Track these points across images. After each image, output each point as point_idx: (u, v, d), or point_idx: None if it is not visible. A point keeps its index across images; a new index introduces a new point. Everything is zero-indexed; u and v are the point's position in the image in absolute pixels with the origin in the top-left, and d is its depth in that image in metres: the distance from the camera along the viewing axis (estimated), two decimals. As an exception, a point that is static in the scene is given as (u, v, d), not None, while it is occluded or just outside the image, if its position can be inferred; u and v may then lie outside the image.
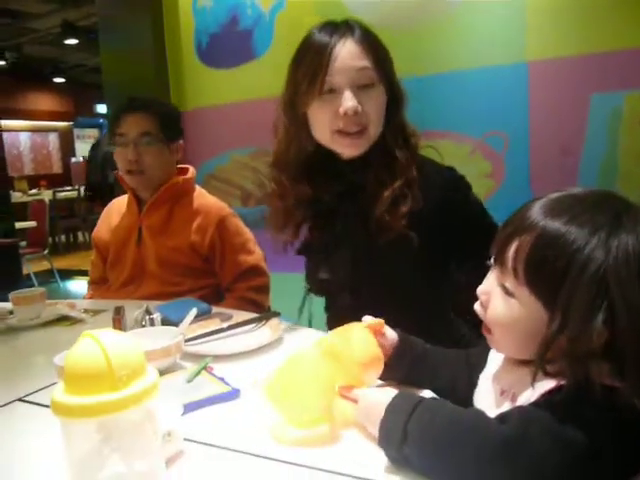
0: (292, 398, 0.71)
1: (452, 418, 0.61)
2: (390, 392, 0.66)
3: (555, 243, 0.61)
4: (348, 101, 1.04)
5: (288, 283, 1.89)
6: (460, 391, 0.80)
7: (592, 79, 1.89)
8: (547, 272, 0.61)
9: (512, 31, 1.97)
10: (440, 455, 0.58)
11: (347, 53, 1.05)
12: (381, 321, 0.82)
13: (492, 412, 0.64)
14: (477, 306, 0.72)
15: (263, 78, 2.40)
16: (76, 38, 7.05)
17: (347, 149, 1.10)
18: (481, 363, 0.79)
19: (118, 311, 1.16)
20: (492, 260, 0.70)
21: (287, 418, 0.71)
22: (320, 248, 1.18)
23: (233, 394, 0.84)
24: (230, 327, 1.12)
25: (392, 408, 0.63)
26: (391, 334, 0.84)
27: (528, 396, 0.65)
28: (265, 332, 1.11)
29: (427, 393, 0.80)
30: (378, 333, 0.82)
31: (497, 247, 0.69)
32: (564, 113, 1.95)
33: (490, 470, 0.55)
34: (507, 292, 0.66)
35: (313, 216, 1.18)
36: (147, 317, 1.09)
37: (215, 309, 1.31)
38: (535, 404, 0.61)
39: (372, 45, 1.08)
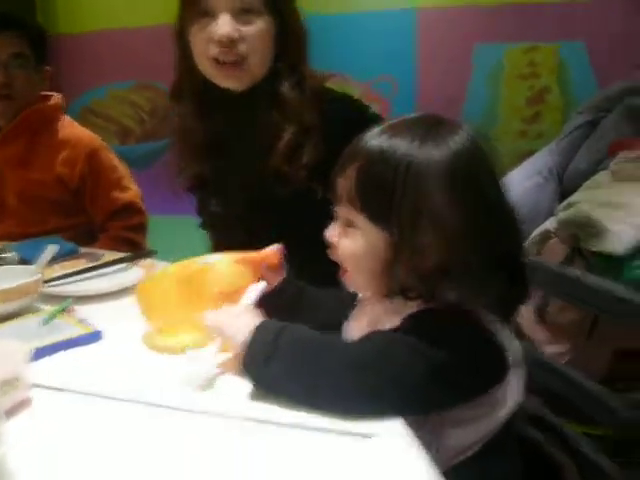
0: (156, 309, 0.74)
1: (319, 336, 0.62)
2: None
3: (376, 162, 0.62)
4: (223, 26, 0.94)
5: (167, 226, 1.80)
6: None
7: (476, 30, 1.92)
8: (374, 192, 0.63)
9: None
10: (307, 368, 0.58)
11: None
12: (274, 251, 0.79)
13: None
14: (329, 251, 0.71)
15: (142, 4, 2.20)
16: None
17: (224, 80, 1.01)
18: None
19: (-35, 251, 1.02)
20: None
21: (153, 326, 0.74)
22: (212, 180, 1.10)
23: (94, 337, 0.77)
24: (97, 267, 1.03)
25: (260, 328, 0.61)
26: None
27: (389, 326, 0.65)
28: (136, 271, 1.03)
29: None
30: (272, 266, 0.79)
31: (332, 184, 0.68)
32: (449, 60, 1.98)
33: (355, 380, 0.57)
34: (349, 224, 0.67)
35: (206, 147, 1.08)
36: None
37: (85, 250, 1.20)
38: (396, 329, 0.62)
39: None
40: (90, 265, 1.03)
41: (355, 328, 0.73)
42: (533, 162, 1.75)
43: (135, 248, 1.58)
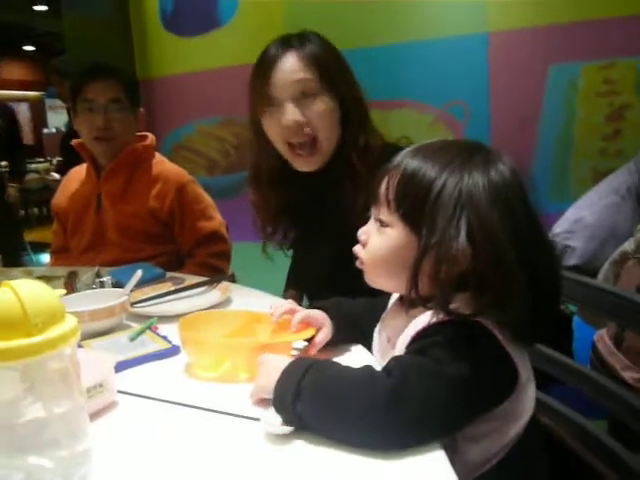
0: (195, 346, 0.80)
1: (342, 374, 0.63)
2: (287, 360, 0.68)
3: (417, 174, 0.68)
4: (288, 114, 1.06)
5: (250, 252, 1.92)
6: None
7: (550, 50, 1.92)
8: (411, 198, 0.68)
9: (473, 2, 1.98)
10: (331, 409, 0.60)
11: (287, 66, 1.08)
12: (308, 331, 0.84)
13: (383, 361, 0.68)
14: (357, 247, 0.76)
15: (228, 46, 2.38)
16: (45, 4, 6.86)
17: (301, 165, 1.13)
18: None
19: (70, 275, 1.17)
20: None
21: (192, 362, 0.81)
22: (301, 244, 1.23)
23: (172, 350, 0.87)
24: (179, 289, 1.14)
25: (287, 370, 0.64)
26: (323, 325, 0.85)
27: (402, 340, 0.69)
28: (214, 294, 1.13)
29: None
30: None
31: (372, 189, 0.74)
32: (523, 83, 1.98)
33: (381, 420, 0.58)
34: (382, 224, 0.71)
35: (287, 215, 1.23)
36: (97, 280, 1.10)
37: (171, 274, 1.32)
38: (409, 351, 0.66)
39: (317, 57, 1.09)
40: (173, 288, 1.14)
41: (379, 343, 0.79)
42: (611, 181, 1.71)
43: (218, 274, 1.70)
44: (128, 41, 2.58)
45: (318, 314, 0.86)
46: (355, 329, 0.87)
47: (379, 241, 0.72)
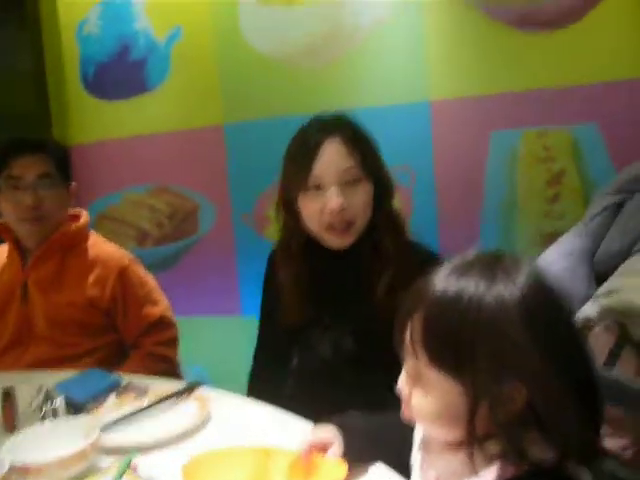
0: None
1: None
2: None
3: (443, 308, 0.59)
4: (334, 200, 1.08)
5: (187, 327, 1.77)
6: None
7: (491, 118, 1.96)
8: (443, 341, 0.59)
9: (414, 72, 2.01)
10: None
11: (333, 152, 1.11)
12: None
13: None
14: (403, 407, 0.67)
15: (158, 111, 2.26)
16: None
17: (335, 242, 1.14)
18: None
19: (7, 396, 0.98)
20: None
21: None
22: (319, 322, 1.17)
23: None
24: (149, 406, 0.98)
25: None
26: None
27: None
28: (191, 407, 0.99)
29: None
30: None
31: (398, 338, 0.65)
32: (466, 149, 2.00)
33: None
34: (418, 377, 0.63)
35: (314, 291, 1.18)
36: (48, 404, 0.92)
37: (126, 379, 1.15)
38: None
39: (358, 143, 1.14)
40: (144, 404, 0.98)
41: (422, 471, 0.69)
42: (561, 245, 1.73)
43: (168, 364, 1.55)
44: (44, 104, 2.38)
45: (326, 431, 0.76)
46: (373, 448, 0.77)
47: (423, 402, 0.63)
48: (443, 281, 0.62)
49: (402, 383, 0.66)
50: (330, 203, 1.08)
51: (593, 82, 1.86)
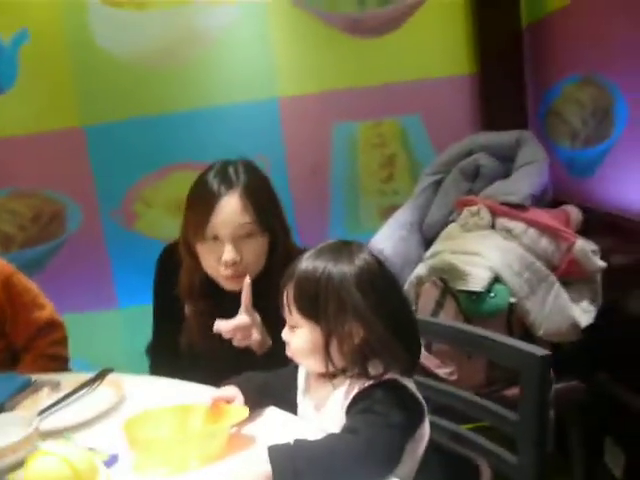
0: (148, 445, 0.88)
1: (324, 447, 0.79)
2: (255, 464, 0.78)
3: (305, 278, 0.88)
4: (228, 253, 1.19)
5: (72, 325, 1.88)
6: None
7: (333, 111, 2.26)
8: (306, 299, 0.88)
9: (262, 71, 2.24)
10: (332, 474, 0.76)
11: (231, 209, 1.20)
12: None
13: (312, 421, 0.90)
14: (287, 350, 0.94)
15: (12, 114, 2.25)
16: None
17: (229, 286, 1.26)
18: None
19: None
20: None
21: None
22: None
23: (112, 461, 0.91)
24: (69, 394, 1.14)
25: (276, 459, 0.75)
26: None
27: (334, 404, 0.88)
28: (107, 391, 1.16)
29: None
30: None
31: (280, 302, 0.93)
32: (313, 139, 2.29)
33: (364, 468, 0.77)
34: (292, 327, 0.91)
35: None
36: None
37: (35, 378, 1.28)
38: (357, 411, 0.84)
39: (255, 198, 1.22)
40: (68, 392, 1.14)
41: (306, 408, 0.97)
42: (396, 218, 2.10)
43: (60, 361, 1.66)
44: None
45: (229, 390, 0.99)
46: (266, 396, 1.02)
47: (295, 341, 0.91)
48: (305, 262, 0.90)
49: (285, 334, 0.92)
50: (224, 256, 1.20)
51: (415, 79, 2.24)
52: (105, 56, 2.22)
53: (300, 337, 0.89)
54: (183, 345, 1.33)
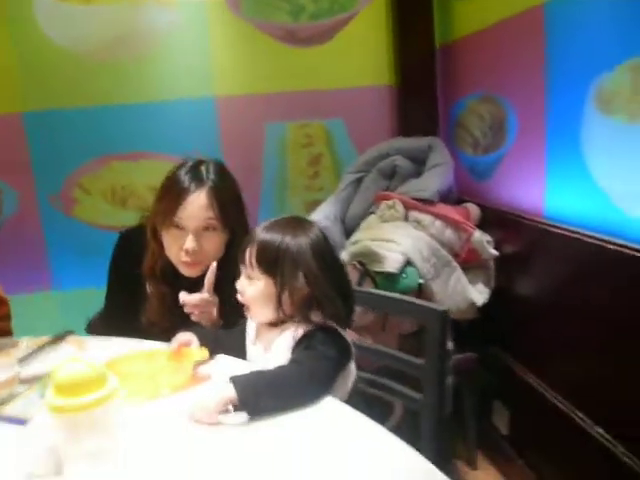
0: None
1: (277, 375, 0.98)
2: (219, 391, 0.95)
3: (267, 244, 1.08)
4: (189, 242, 1.32)
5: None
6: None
7: (265, 112, 2.46)
8: (266, 259, 1.08)
9: (201, 71, 2.41)
10: (281, 395, 0.95)
11: (198, 204, 1.31)
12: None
13: (260, 362, 1.10)
14: (239, 297, 1.14)
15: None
16: None
17: (186, 272, 1.39)
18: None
19: None
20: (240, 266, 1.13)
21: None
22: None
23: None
24: (38, 349, 1.27)
25: (240, 385, 0.93)
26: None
27: (281, 344, 1.09)
28: (70, 349, 1.29)
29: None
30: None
31: (241, 255, 1.12)
32: (247, 137, 2.49)
33: (309, 390, 0.98)
34: (250, 278, 1.10)
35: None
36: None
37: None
38: (301, 349, 1.05)
39: (221, 198, 1.34)
40: (36, 347, 1.26)
41: (255, 352, 1.16)
42: (322, 210, 2.33)
43: (5, 336, 1.74)
44: None
45: (187, 335, 1.18)
46: (217, 346, 1.21)
47: (251, 290, 1.10)
48: (266, 231, 1.08)
49: (241, 284, 1.11)
50: (186, 245, 1.32)
51: (341, 88, 2.50)
52: (49, 46, 2.32)
53: (257, 287, 1.09)
54: (143, 323, 1.44)
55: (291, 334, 1.07)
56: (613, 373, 1.44)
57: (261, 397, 0.94)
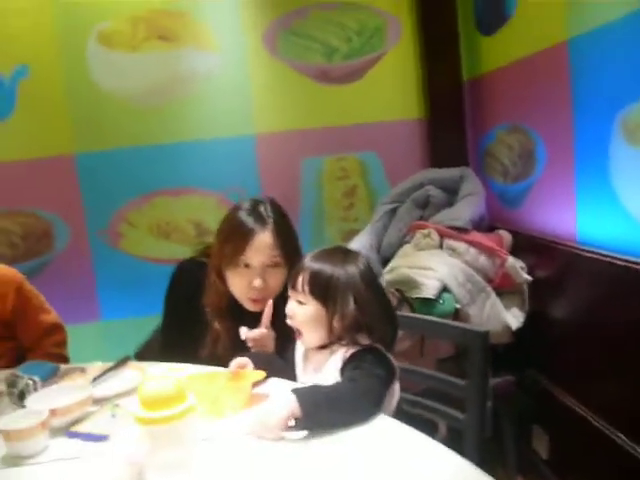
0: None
1: (334, 391, 1.05)
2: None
3: (319, 271, 1.16)
4: (257, 281, 1.42)
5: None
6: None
7: (302, 148, 2.59)
8: (319, 286, 1.15)
9: (242, 112, 2.55)
10: (339, 411, 1.02)
11: (264, 243, 1.41)
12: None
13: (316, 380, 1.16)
14: (289, 320, 1.22)
15: (6, 143, 2.45)
16: None
17: (253, 308, 1.48)
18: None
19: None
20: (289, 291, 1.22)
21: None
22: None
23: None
24: (104, 372, 1.37)
25: (302, 397, 1.01)
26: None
27: (331, 365, 1.16)
28: (132, 372, 1.39)
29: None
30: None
31: (291, 281, 1.21)
32: (284, 171, 2.61)
33: (361, 405, 1.04)
34: (301, 303, 1.18)
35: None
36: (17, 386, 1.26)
37: (63, 367, 1.50)
38: (350, 368, 1.12)
39: (283, 235, 1.44)
40: (103, 371, 1.36)
41: (305, 375, 1.24)
42: (358, 240, 2.42)
43: (63, 360, 1.85)
44: None
45: (242, 360, 1.26)
46: (271, 370, 1.29)
47: (302, 314, 1.18)
48: (317, 260, 1.17)
49: (292, 308, 1.19)
50: (255, 283, 1.41)
51: (373, 122, 2.62)
52: (98, 91, 2.49)
53: (307, 311, 1.17)
54: (203, 355, 1.51)
55: (341, 355, 1.15)
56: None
57: (321, 409, 1.01)
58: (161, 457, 0.86)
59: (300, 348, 1.28)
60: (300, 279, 1.18)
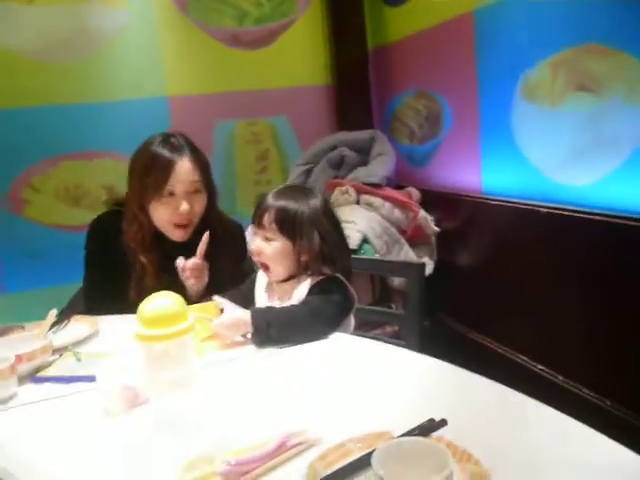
0: None
1: (289, 309, 1.17)
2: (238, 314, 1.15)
3: (284, 208, 1.23)
4: (184, 205, 1.45)
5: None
6: None
7: (215, 111, 2.59)
8: (285, 222, 1.22)
9: (153, 73, 2.50)
10: (292, 326, 1.13)
11: (185, 169, 1.45)
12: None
13: None
14: (255, 257, 1.28)
15: None
16: None
17: (179, 235, 1.50)
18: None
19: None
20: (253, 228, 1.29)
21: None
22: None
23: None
24: (54, 324, 1.33)
25: (254, 314, 1.13)
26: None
27: (298, 294, 1.24)
28: (83, 323, 1.38)
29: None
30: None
31: (256, 219, 1.27)
32: (198, 134, 2.57)
33: (314, 323, 1.15)
34: (268, 239, 1.25)
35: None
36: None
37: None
38: (313, 294, 1.22)
39: (201, 162, 1.49)
40: (52, 324, 1.33)
41: (270, 303, 1.31)
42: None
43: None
44: None
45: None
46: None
47: (270, 250, 1.25)
48: (280, 198, 1.23)
49: (258, 245, 1.24)
50: (182, 207, 1.45)
51: (284, 87, 2.68)
52: (-5, 47, 2.30)
53: (275, 247, 1.24)
54: (132, 297, 1.50)
55: (307, 285, 1.24)
56: (544, 320, 1.73)
57: (271, 326, 1.11)
58: (162, 376, 0.89)
59: (262, 280, 1.34)
60: (266, 217, 1.24)
